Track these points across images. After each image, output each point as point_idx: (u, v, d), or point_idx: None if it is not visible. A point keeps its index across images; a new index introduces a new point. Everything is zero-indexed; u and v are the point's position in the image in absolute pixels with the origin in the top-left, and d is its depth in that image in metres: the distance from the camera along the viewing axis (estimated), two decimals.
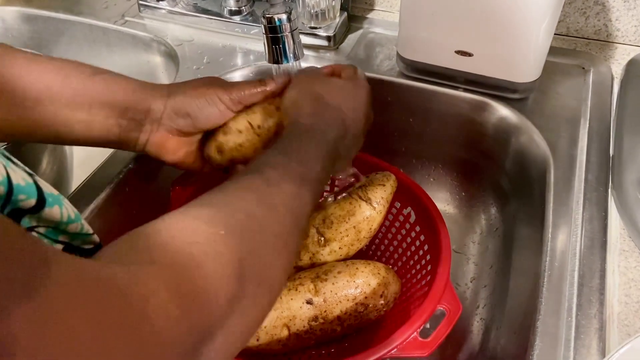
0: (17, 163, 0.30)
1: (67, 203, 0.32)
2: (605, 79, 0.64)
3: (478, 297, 0.61)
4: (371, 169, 0.58)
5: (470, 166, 0.68)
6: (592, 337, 0.41)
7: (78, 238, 0.33)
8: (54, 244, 0.31)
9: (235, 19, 0.75)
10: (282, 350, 0.50)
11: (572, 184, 0.52)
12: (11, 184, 0.27)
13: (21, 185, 0.28)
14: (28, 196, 0.28)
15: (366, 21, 0.76)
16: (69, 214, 0.31)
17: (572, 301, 0.43)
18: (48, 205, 0.29)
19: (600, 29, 0.70)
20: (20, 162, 0.31)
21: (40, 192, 0.29)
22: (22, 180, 0.28)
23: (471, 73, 0.61)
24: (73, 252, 0.33)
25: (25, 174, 0.29)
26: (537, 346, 0.40)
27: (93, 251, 0.35)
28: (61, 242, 0.32)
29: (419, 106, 0.66)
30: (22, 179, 0.28)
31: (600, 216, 0.49)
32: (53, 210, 0.30)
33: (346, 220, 0.54)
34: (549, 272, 0.45)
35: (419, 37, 0.61)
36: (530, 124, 0.59)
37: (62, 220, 0.31)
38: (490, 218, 0.68)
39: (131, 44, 0.79)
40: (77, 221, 0.32)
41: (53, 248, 0.21)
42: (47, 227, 0.30)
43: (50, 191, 0.30)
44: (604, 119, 0.59)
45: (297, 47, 0.50)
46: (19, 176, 0.28)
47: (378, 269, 0.52)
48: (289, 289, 0.50)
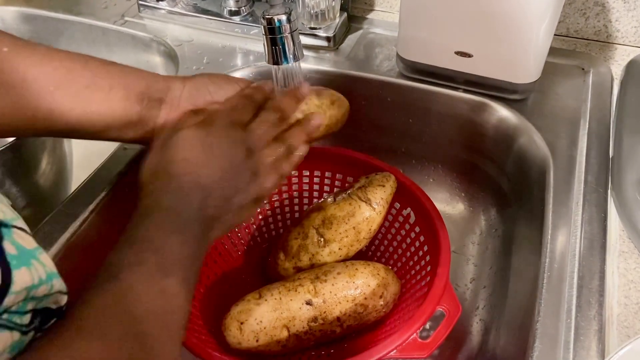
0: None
1: (43, 258, 0.31)
2: (605, 79, 0.64)
3: (477, 298, 0.61)
4: (371, 169, 0.58)
5: (469, 167, 0.68)
6: (591, 338, 0.41)
7: (46, 299, 0.32)
8: (23, 316, 0.30)
9: (235, 20, 0.75)
10: (281, 351, 0.51)
11: (571, 185, 0.52)
12: None
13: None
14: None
15: (366, 21, 0.76)
16: (39, 276, 0.30)
17: (572, 302, 0.43)
18: (14, 268, 0.28)
19: (600, 29, 0.70)
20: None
21: (2, 257, 0.28)
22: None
23: (471, 74, 0.61)
24: (40, 315, 0.32)
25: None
26: (536, 348, 0.40)
27: (58, 312, 0.34)
28: (29, 311, 0.31)
29: (418, 107, 0.66)
30: None
31: (600, 217, 0.49)
32: (22, 274, 0.28)
33: (346, 221, 0.54)
34: (549, 274, 0.45)
35: (418, 38, 0.61)
36: (529, 124, 0.59)
37: (34, 284, 0.30)
38: (490, 219, 0.68)
39: (131, 44, 0.79)
40: (48, 282, 0.31)
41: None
42: (18, 303, 0.29)
43: (17, 250, 0.29)
44: (603, 119, 0.59)
45: (297, 48, 0.50)
46: None
47: (378, 270, 0.52)
48: (288, 289, 0.50)
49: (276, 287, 0.51)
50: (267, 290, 0.51)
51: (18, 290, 0.28)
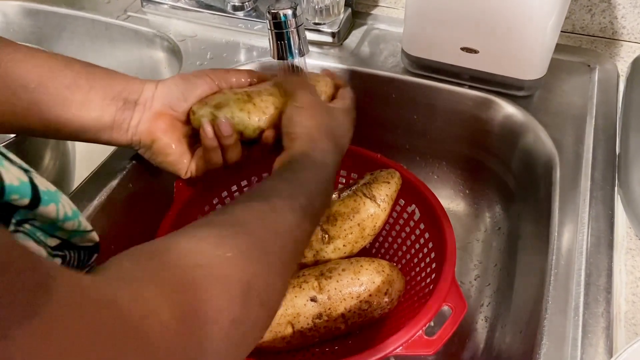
0: (12, 160, 0.30)
1: (64, 200, 0.31)
2: (611, 76, 0.64)
3: (482, 295, 0.61)
4: (376, 166, 0.58)
5: (474, 164, 0.68)
6: (599, 336, 0.41)
7: (76, 235, 0.33)
8: (49, 238, 0.31)
9: (238, 15, 0.74)
10: (286, 347, 0.50)
11: (578, 182, 0.52)
12: (2, 185, 0.26)
13: (14, 186, 0.27)
14: (20, 196, 0.27)
15: (370, 17, 0.76)
16: (65, 212, 0.31)
17: (579, 300, 0.43)
18: (43, 204, 0.29)
19: (605, 26, 0.70)
20: (19, 158, 0.31)
21: (35, 190, 0.28)
22: (16, 179, 0.27)
23: (476, 70, 0.61)
24: (70, 248, 0.33)
25: (20, 172, 0.28)
26: (544, 345, 0.40)
27: (91, 249, 0.35)
28: (58, 237, 0.31)
29: (423, 103, 0.66)
30: (15, 178, 0.27)
31: (607, 214, 0.49)
32: (48, 209, 0.29)
33: (350, 218, 0.54)
34: (556, 271, 0.45)
35: (424, 34, 0.61)
36: (535, 121, 0.59)
37: (58, 218, 0.30)
38: (495, 216, 0.68)
39: (134, 39, 0.78)
40: (74, 218, 0.31)
41: (54, 266, 0.21)
42: (41, 222, 0.30)
43: (47, 188, 0.30)
44: (609, 116, 0.59)
45: (303, 43, 0.50)
46: (13, 175, 0.27)
47: (382, 267, 0.52)
48: (293, 286, 0.50)
49: None
50: None
51: (39, 214, 0.29)
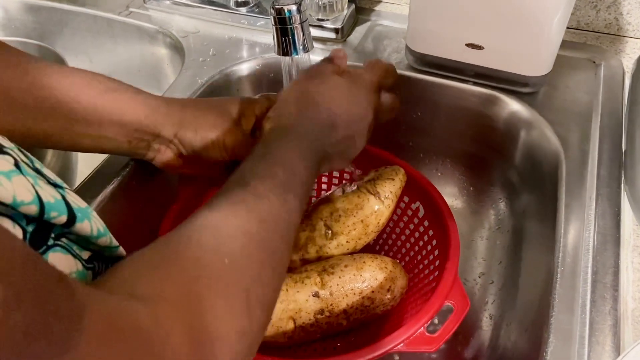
0: (46, 176, 0.30)
1: (94, 216, 0.32)
2: (616, 73, 0.64)
3: (487, 293, 0.61)
4: (380, 162, 0.57)
5: (478, 161, 0.67)
6: (606, 334, 0.40)
7: (107, 251, 0.34)
8: (82, 251, 0.31)
9: (241, 11, 0.74)
10: (287, 343, 0.50)
11: (584, 179, 0.51)
12: (42, 203, 0.27)
13: (51, 203, 0.28)
14: (59, 213, 0.28)
15: (374, 13, 0.75)
16: (98, 228, 0.32)
17: (586, 298, 0.42)
18: (79, 221, 0.30)
19: (611, 22, 0.69)
20: (49, 172, 0.32)
21: (69, 208, 0.29)
22: (51, 197, 0.28)
23: (481, 66, 0.60)
24: (100, 260, 0.33)
25: (53, 190, 0.29)
26: (550, 343, 0.39)
27: (118, 259, 0.35)
28: (90, 249, 0.32)
29: (427, 100, 0.65)
30: (50, 195, 0.28)
31: (613, 212, 0.49)
32: (84, 225, 0.30)
33: (354, 214, 0.53)
34: (562, 268, 0.44)
35: (428, 30, 0.60)
36: (541, 118, 0.58)
37: (92, 235, 0.31)
38: (499, 213, 0.67)
39: (136, 35, 0.78)
40: (105, 235, 0.33)
41: (85, 291, 0.22)
42: (77, 236, 0.31)
43: (78, 205, 0.31)
44: (615, 113, 0.58)
45: (307, 38, 0.49)
46: (48, 193, 0.28)
47: (385, 263, 0.52)
48: (295, 281, 0.50)
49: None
50: None
51: (78, 234, 0.30)
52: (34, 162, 0.31)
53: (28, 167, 0.29)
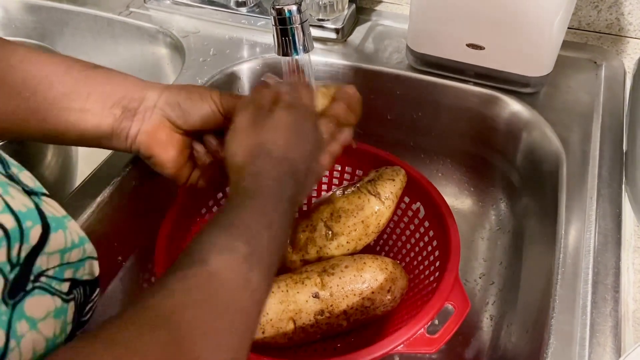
0: (21, 183, 0.30)
1: (72, 226, 0.32)
2: (617, 73, 0.64)
3: (487, 294, 0.61)
4: (381, 163, 0.57)
5: (479, 161, 0.67)
6: (607, 335, 0.40)
7: (81, 266, 0.33)
8: (62, 283, 0.31)
9: (241, 11, 0.74)
10: (287, 343, 0.50)
11: (585, 180, 0.51)
12: (14, 212, 0.27)
13: (22, 212, 0.27)
14: (33, 222, 0.28)
15: (374, 13, 0.75)
16: (72, 239, 0.31)
17: (587, 299, 0.42)
18: (52, 231, 0.29)
19: (612, 22, 0.69)
20: (19, 165, 0.31)
21: (43, 216, 0.29)
22: (23, 206, 0.28)
23: (482, 67, 0.60)
24: (77, 286, 0.33)
25: (25, 198, 0.28)
26: (551, 344, 0.39)
27: (92, 283, 0.35)
28: (67, 279, 0.32)
29: (428, 100, 0.65)
30: (22, 204, 0.28)
31: (614, 213, 0.49)
32: (57, 236, 0.30)
33: (354, 215, 0.53)
34: (563, 269, 0.44)
35: (429, 30, 0.60)
36: (542, 118, 0.58)
37: (67, 247, 0.31)
38: (500, 214, 0.67)
39: (136, 35, 0.78)
40: (80, 245, 0.32)
41: None
42: (54, 268, 0.30)
43: (54, 213, 0.30)
44: (616, 113, 0.58)
45: (307, 39, 0.49)
46: (19, 202, 0.28)
47: (386, 264, 0.52)
48: (295, 282, 0.50)
49: (283, 280, 0.50)
50: (274, 282, 0.50)
51: (51, 252, 0.29)
52: (9, 167, 0.30)
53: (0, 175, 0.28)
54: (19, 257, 0.27)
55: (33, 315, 0.28)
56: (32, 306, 0.28)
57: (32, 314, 0.28)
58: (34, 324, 0.28)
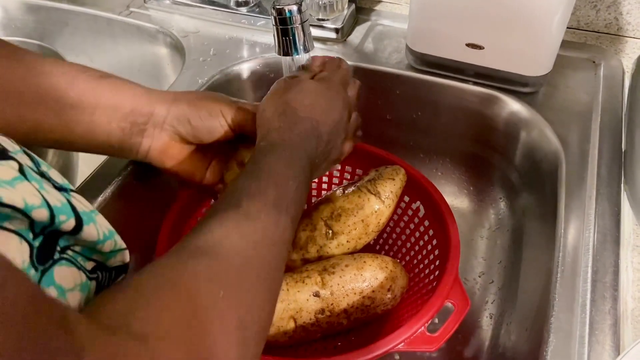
0: (52, 180, 0.30)
1: (100, 219, 0.32)
2: (616, 73, 0.64)
3: (487, 293, 0.61)
4: (380, 162, 0.57)
5: (479, 160, 0.68)
6: (606, 333, 0.40)
7: (111, 256, 0.34)
8: (86, 261, 0.32)
9: (241, 11, 0.74)
10: (288, 342, 0.50)
11: (584, 179, 0.52)
12: (50, 207, 0.27)
13: (58, 207, 0.28)
14: (67, 216, 0.29)
15: (374, 13, 0.75)
16: (103, 232, 0.32)
17: (586, 297, 0.42)
18: (85, 224, 0.30)
19: (610, 22, 0.69)
20: (47, 163, 0.32)
21: (75, 211, 0.29)
22: (58, 201, 0.28)
23: (481, 66, 0.60)
24: (103, 269, 0.33)
25: (58, 194, 0.29)
26: (551, 342, 0.40)
27: (121, 268, 0.36)
28: (94, 260, 0.33)
29: (427, 99, 0.66)
30: (57, 199, 0.28)
31: (613, 211, 0.49)
32: (90, 229, 0.30)
33: (354, 214, 0.53)
34: (562, 268, 0.44)
35: (429, 30, 0.60)
36: (541, 118, 0.58)
37: (99, 239, 0.31)
38: (499, 213, 0.67)
39: (136, 35, 0.78)
40: (111, 238, 0.33)
41: (86, 331, 0.21)
42: (82, 247, 0.31)
43: (83, 208, 0.31)
44: (615, 113, 0.59)
45: (308, 38, 0.49)
46: (54, 197, 0.28)
47: (386, 263, 0.52)
48: (295, 281, 0.50)
49: (283, 278, 0.51)
50: None
51: (81, 239, 0.30)
52: (40, 165, 0.31)
53: (33, 172, 0.29)
54: (43, 230, 0.28)
55: (62, 284, 0.29)
56: (61, 275, 0.29)
57: (61, 282, 0.28)
58: (62, 292, 0.28)
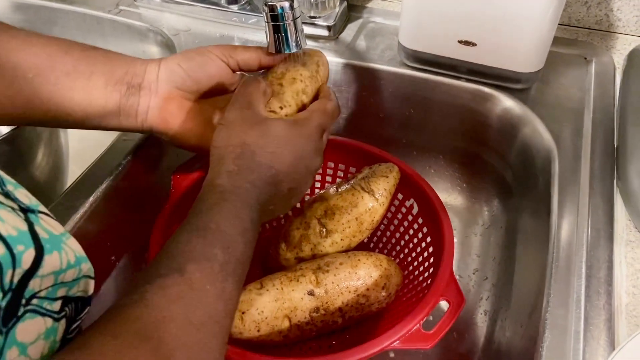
0: (17, 200, 0.29)
1: (71, 243, 0.31)
2: (607, 69, 0.64)
3: (481, 289, 0.61)
4: (374, 160, 0.57)
5: (472, 157, 0.68)
6: (601, 328, 0.41)
7: (75, 285, 0.32)
8: (53, 303, 0.30)
9: (232, 8, 0.74)
10: (283, 341, 0.50)
11: (577, 175, 0.52)
12: (3, 238, 0.26)
13: (13, 236, 0.26)
14: (25, 246, 0.27)
15: (366, 10, 0.75)
16: (68, 260, 0.30)
17: (581, 293, 0.43)
18: (47, 253, 0.28)
19: (601, 19, 0.70)
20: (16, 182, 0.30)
21: (36, 239, 0.28)
22: (13, 229, 0.27)
23: (474, 63, 0.60)
24: (69, 302, 0.32)
25: (18, 219, 0.27)
26: (546, 338, 0.40)
27: (85, 300, 0.34)
28: (59, 298, 0.31)
29: (420, 97, 0.66)
30: (12, 228, 0.27)
31: (606, 207, 0.49)
32: (52, 258, 0.29)
33: (348, 212, 0.53)
34: (556, 264, 0.45)
35: (421, 27, 0.60)
36: (533, 114, 0.58)
37: (62, 268, 0.30)
38: (493, 210, 0.67)
39: (126, 33, 0.77)
40: (76, 266, 0.31)
41: None
42: (47, 289, 0.30)
43: (51, 230, 0.29)
44: (607, 109, 0.59)
45: (300, 35, 0.49)
46: (9, 225, 0.27)
47: (380, 261, 0.52)
48: (290, 279, 0.50)
49: (278, 277, 0.50)
50: (268, 280, 0.50)
51: (45, 274, 0.28)
52: (4, 184, 0.29)
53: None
54: (11, 283, 0.26)
55: (24, 340, 0.27)
56: (23, 331, 0.27)
57: (22, 339, 0.27)
58: (24, 349, 0.27)
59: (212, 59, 0.46)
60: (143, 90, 0.45)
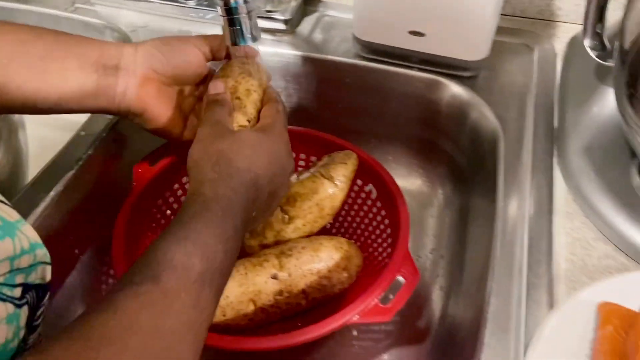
0: None
1: (25, 229, 0.31)
2: (549, 56, 0.68)
3: (437, 267, 0.64)
4: (334, 148, 0.59)
5: (427, 143, 0.70)
6: (541, 293, 0.44)
7: (32, 271, 0.32)
8: (13, 289, 0.30)
9: (190, 4, 0.74)
10: (248, 325, 0.51)
11: (520, 155, 0.55)
12: None
13: None
14: None
15: (321, 4, 0.77)
16: (22, 246, 0.30)
17: (523, 262, 0.46)
18: None
19: (543, 8, 0.73)
20: None
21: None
22: None
23: (425, 53, 0.63)
24: (29, 290, 0.32)
25: None
26: (492, 304, 0.42)
27: (44, 287, 0.34)
28: (19, 284, 0.31)
29: (376, 87, 0.68)
30: None
31: (547, 183, 0.52)
32: (4, 244, 0.29)
33: (309, 198, 0.55)
34: (502, 237, 0.48)
35: (373, 18, 0.63)
36: (480, 100, 0.61)
37: (16, 254, 0.30)
38: (447, 192, 0.70)
39: (83, 31, 0.77)
40: (30, 252, 0.31)
41: None
42: (4, 275, 0.30)
43: (1, 221, 0.29)
44: (548, 93, 0.62)
45: (254, 28, 0.50)
46: None
47: (341, 244, 0.54)
48: (254, 265, 0.51)
49: (242, 263, 0.52)
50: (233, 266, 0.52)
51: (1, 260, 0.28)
52: None
53: None
54: None
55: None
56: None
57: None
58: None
59: (189, 47, 0.48)
60: (121, 71, 0.46)
